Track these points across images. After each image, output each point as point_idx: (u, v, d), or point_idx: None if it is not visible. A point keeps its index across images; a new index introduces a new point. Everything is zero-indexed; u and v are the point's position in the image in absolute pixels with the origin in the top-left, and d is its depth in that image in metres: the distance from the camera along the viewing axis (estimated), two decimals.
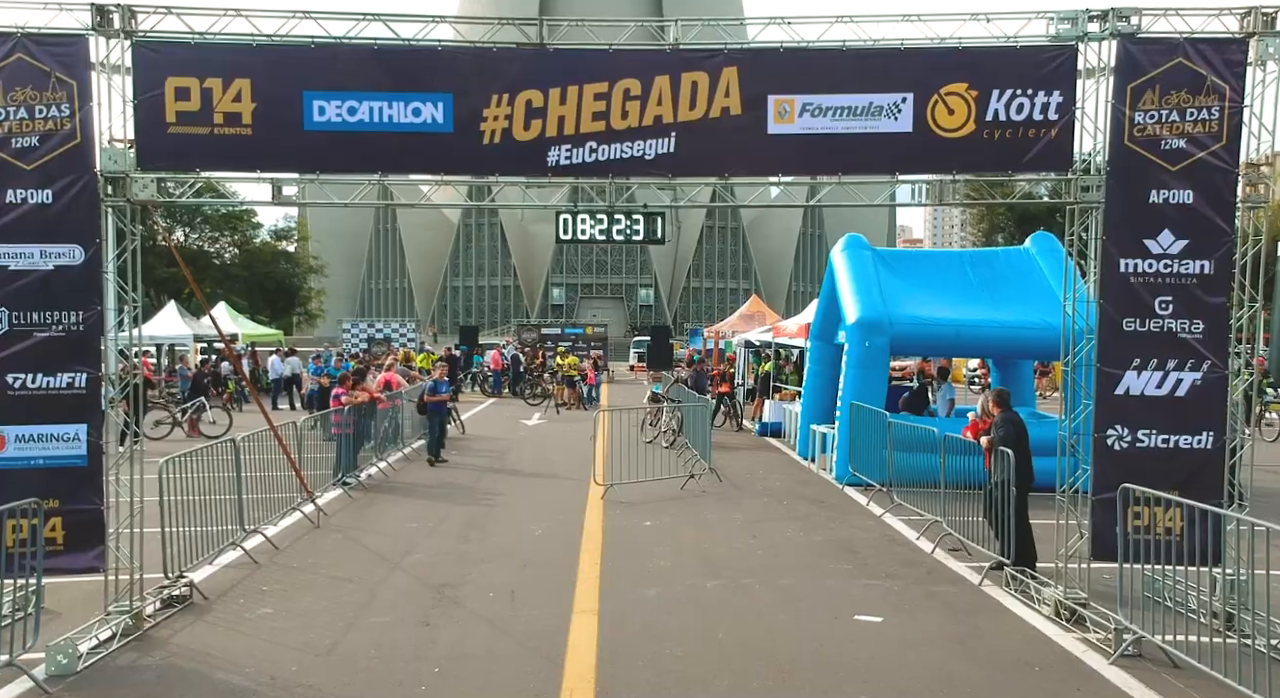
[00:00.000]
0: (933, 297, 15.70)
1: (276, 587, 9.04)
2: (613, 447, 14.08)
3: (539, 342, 43.89)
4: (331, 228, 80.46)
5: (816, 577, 9.47)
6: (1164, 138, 7.71)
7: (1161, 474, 7.68)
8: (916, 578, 9.46)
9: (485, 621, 7.99)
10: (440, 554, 10.33)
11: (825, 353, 17.72)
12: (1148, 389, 7.85)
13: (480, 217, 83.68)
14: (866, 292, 15.44)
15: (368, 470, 15.63)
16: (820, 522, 12.19)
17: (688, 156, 7.99)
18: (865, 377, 14.94)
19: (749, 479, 15.46)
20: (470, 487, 14.78)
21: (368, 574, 9.49)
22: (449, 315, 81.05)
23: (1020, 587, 8.77)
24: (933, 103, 7.89)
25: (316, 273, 54.84)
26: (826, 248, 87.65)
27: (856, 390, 14.88)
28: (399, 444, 18.20)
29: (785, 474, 16.16)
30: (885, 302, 15.24)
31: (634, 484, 13.71)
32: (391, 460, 16.99)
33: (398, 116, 7.81)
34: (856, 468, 14.43)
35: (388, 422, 17.82)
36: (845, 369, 15.24)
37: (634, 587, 9.03)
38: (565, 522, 11.99)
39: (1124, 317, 7.86)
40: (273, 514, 11.36)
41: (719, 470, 15.19)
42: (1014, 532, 8.91)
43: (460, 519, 12.19)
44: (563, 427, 23.70)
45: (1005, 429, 9.19)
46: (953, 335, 15.00)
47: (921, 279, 16.16)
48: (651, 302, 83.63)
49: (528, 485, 14.99)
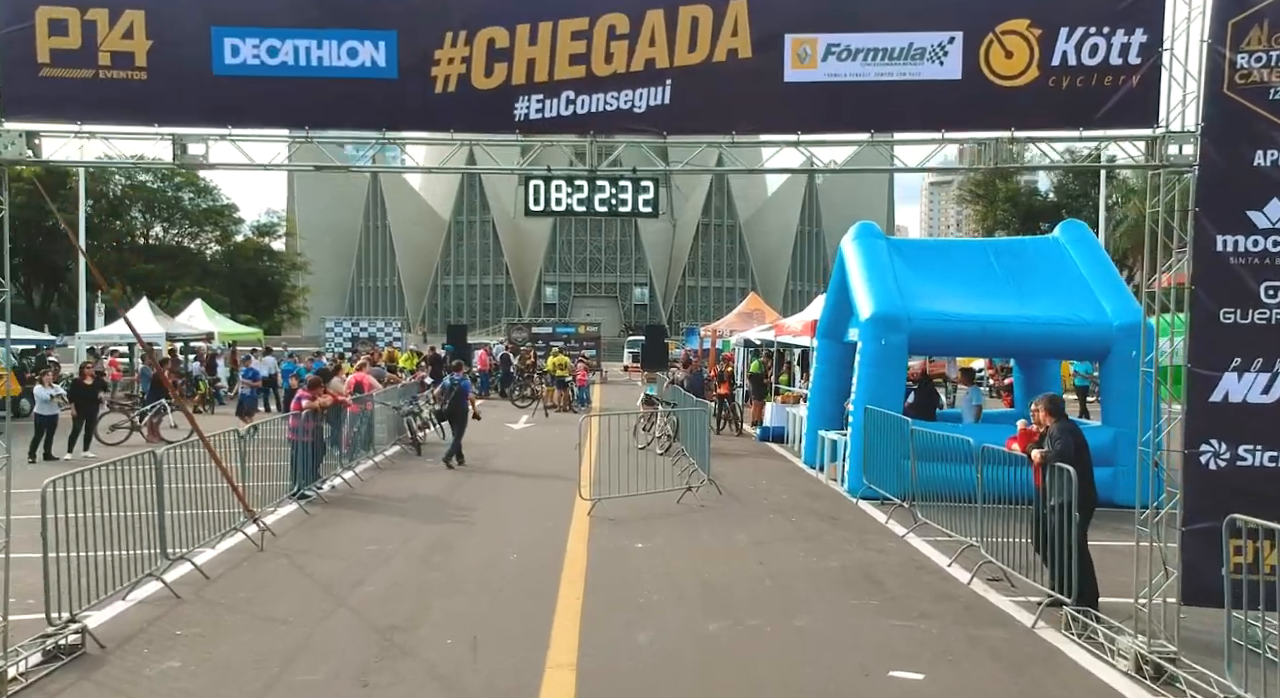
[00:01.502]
0: (954, 290, 14.24)
1: (194, 630, 7.55)
2: (602, 455, 12.60)
3: (530, 341, 42.41)
4: (320, 224, 78.88)
5: (837, 615, 8.01)
6: (1273, 85, 6.25)
7: (1269, 500, 6.23)
8: (955, 617, 8.00)
9: (437, 679, 6.52)
10: (397, 586, 8.85)
11: (834, 352, 16.27)
12: (1251, 395, 6.39)
13: (472, 213, 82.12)
14: (882, 285, 13.98)
15: (332, 481, 14.14)
16: (835, 543, 10.74)
17: (686, 110, 6.54)
18: (881, 378, 13.48)
19: (752, 492, 13.99)
20: (443, 500, 13.28)
21: (307, 612, 8.01)
22: (440, 314, 79.43)
23: (1085, 631, 7.32)
24: (987, 44, 6.44)
25: (300, 270, 53.19)
26: (825, 246, 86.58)
27: (871, 393, 13.43)
28: (370, 451, 16.71)
29: (791, 485, 14.70)
30: (902, 296, 13.79)
31: (624, 499, 12.24)
32: (360, 470, 15.51)
33: (329, 59, 6.34)
34: (871, 479, 12.99)
35: (358, 427, 16.37)
36: (858, 370, 13.79)
37: (621, 630, 7.56)
38: (545, 543, 10.53)
39: (1221, 307, 6.40)
40: (211, 535, 9.90)
41: (718, 481, 13.72)
42: (1076, 565, 7.46)
43: (427, 540, 10.72)
44: (551, 431, 22.22)
45: (1064, 441, 7.74)
46: (978, 333, 13.54)
47: (942, 271, 14.70)
48: (646, 300, 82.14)
49: (507, 498, 13.50)
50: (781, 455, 18.22)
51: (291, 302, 53.18)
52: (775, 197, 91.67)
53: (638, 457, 13.46)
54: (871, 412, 13.12)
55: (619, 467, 12.41)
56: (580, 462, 12.41)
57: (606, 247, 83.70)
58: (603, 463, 12.57)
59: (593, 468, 12.86)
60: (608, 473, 12.43)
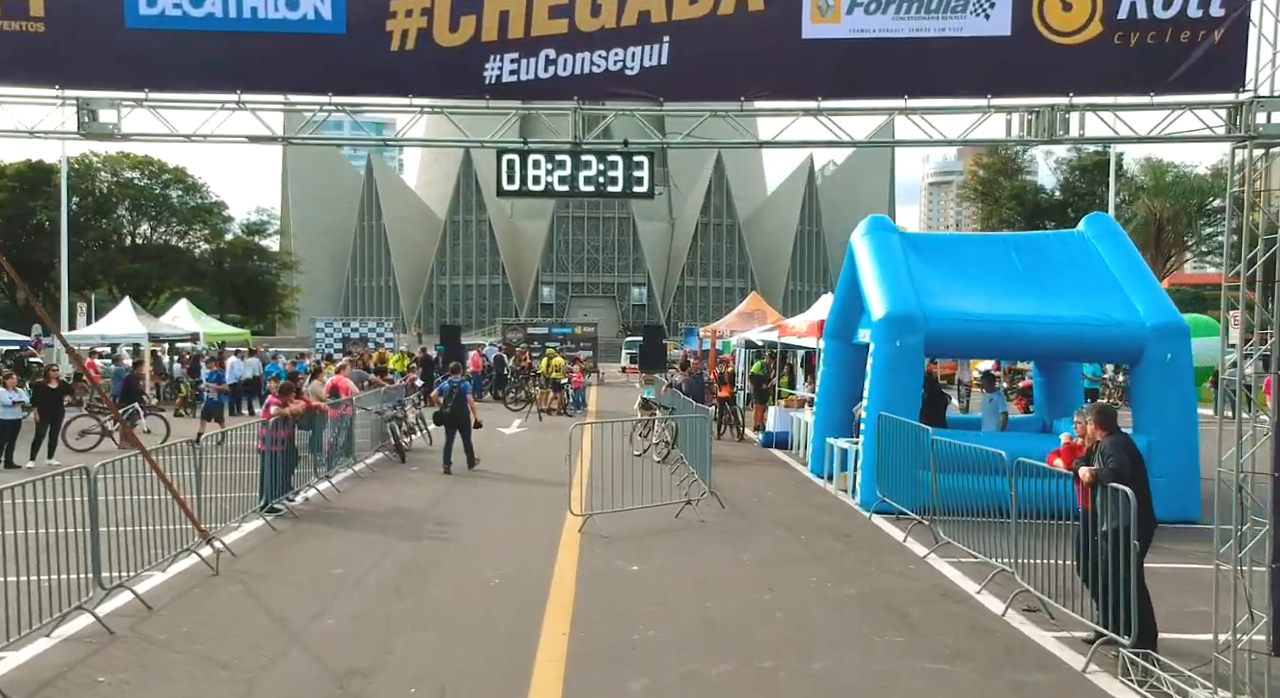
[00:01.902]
0: (973, 288, 13.26)
1: (119, 676, 6.57)
2: (595, 465, 11.64)
3: (525, 342, 41.40)
4: (314, 224, 77.82)
5: (860, 656, 7.03)
6: None
7: None
8: (992, 657, 7.03)
9: None
10: (360, 618, 7.87)
11: (843, 354, 15.29)
12: None
13: (468, 212, 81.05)
14: (895, 282, 13.01)
15: (306, 493, 13.17)
16: (850, 566, 9.76)
17: (687, 71, 5.57)
18: (895, 382, 12.51)
19: (756, 505, 13.01)
20: (423, 514, 12.30)
21: (255, 651, 7.03)
22: (436, 315, 78.33)
23: (1147, 679, 6.35)
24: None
25: (290, 269, 52.03)
26: (825, 246, 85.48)
27: (885, 398, 12.45)
28: (350, 459, 15.74)
29: (799, 498, 13.73)
30: (918, 294, 12.82)
31: (618, 514, 11.27)
32: (339, 480, 14.53)
33: (265, 10, 5.35)
34: (886, 492, 12.02)
35: (336, 433, 15.40)
36: (871, 373, 12.81)
37: (612, 676, 6.58)
38: (531, 566, 9.55)
39: None
40: (161, 557, 8.92)
41: (720, 493, 12.75)
42: (1135, 600, 6.49)
43: (400, 561, 9.73)
44: (544, 436, 21.23)
45: (1118, 459, 6.75)
46: (999, 334, 12.57)
47: (959, 267, 13.72)
48: (644, 301, 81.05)
49: (492, 512, 12.53)
50: (786, 463, 17.24)
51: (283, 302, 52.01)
52: (775, 196, 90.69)
53: (633, 466, 12.49)
54: (886, 419, 12.15)
55: (613, 478, 11.44)
56: (571, 474, 11.43)
57: (604, 246, 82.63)
58: (596, 473, 11.61)
59: (585, 479, 11.89)
60: (601, 485, 11.46)
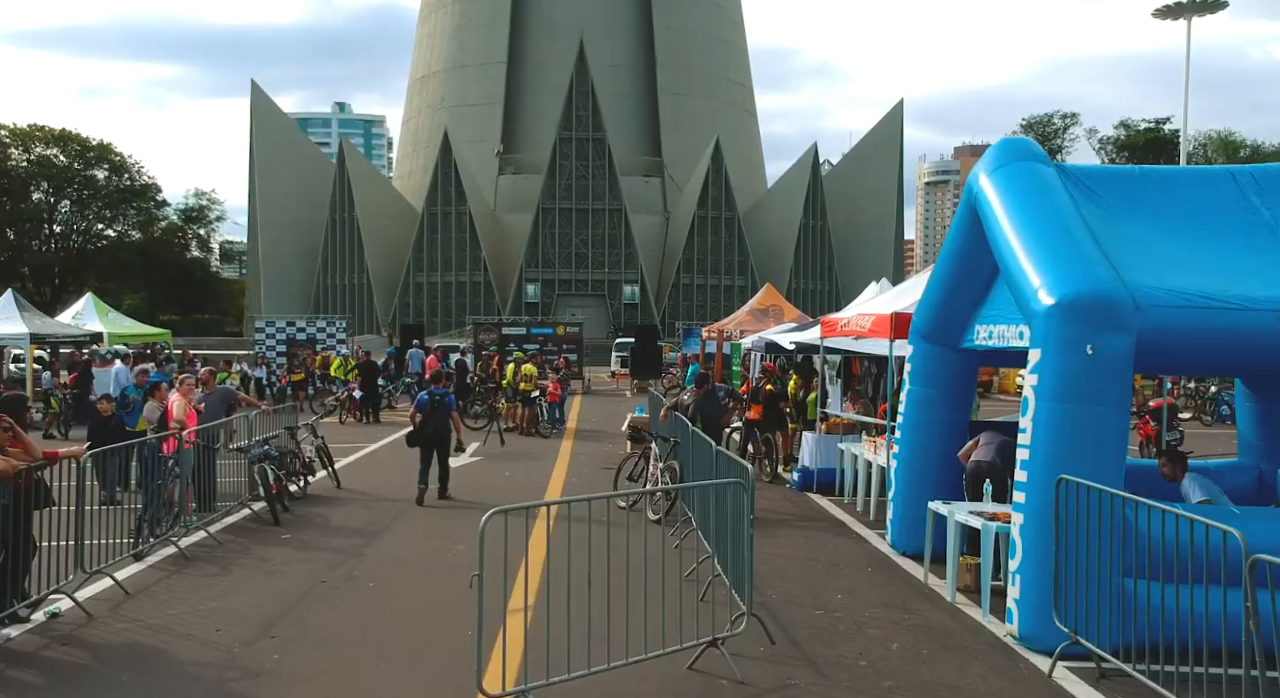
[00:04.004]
0: (1196, 253, 7.78)
1: None
2: (554, 547, 6.08)
3: (498, 344, 35.78)
4: (281, 219, 72.01)
5: None
6: None
7: None
8: None
9: None
10: None
11: (946, 365, 9.76)
12: None
13: (447, 205, 75.22)
14: (1071, 244, 7.49)
15: (53, 604, 7.65)
16: None
17: None
18: (1083, 419, 7.01)
19: (829, 634, 7.39)
20: (223, 663, 6.72)
21: None
22: (412, 314, 72.52)
23: None
24: None
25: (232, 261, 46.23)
26: (830, 241, 79.80)
27: (1064, 450, 6.97)
28: (179, 525, 10.17)
29: (893, 607, 8.12)
30: (1114, 263, 7.32)
31: (582, 682, 5.73)
32: (150, 563, 9.02)
33: None
34: (1067, 619, 6.53)
35: (160, 484, 9.93)
36: (1035, 403, 7.27)
37: None
38: None
39: None
40: None
41: (765, 607, 7.22)
42: None
43: None
44: (499, 471, 15.65)
45: None
46: (1272, 329, 7.08)
47: (1164, 220, 8.18)
48: (637, 299, 75.33)
49: (346, 667, 6.94)
50: (843, 524, 11.70)
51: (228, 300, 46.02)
52: (777, 188, 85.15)
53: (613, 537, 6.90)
54: (1070, 484, 6.64)
55: (580, 573, 5.89)
56: (481, 609, 5.90)
57: (594, 240, 76.90)
58: (552, 568, 6.06)
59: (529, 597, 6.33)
60: (556, 600, 5.82)
